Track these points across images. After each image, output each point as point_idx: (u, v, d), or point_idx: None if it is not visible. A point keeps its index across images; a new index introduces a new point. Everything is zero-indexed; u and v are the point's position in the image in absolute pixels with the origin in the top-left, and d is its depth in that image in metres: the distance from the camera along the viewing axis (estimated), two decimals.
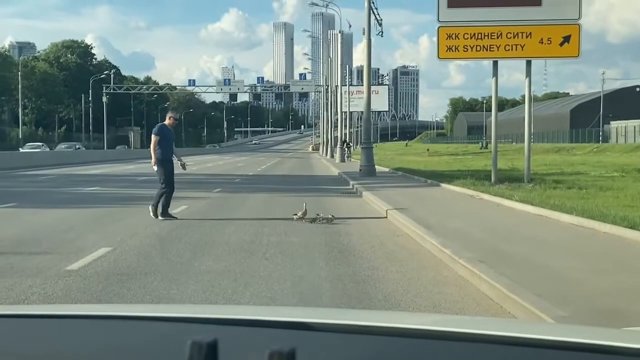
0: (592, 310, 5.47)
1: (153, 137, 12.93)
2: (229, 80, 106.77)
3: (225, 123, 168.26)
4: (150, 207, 12.95)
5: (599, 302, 5.75)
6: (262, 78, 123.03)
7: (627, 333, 1.83)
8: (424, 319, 2.38)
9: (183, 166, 13.54)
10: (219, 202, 17.26)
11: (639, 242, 9.01)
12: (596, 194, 15.76)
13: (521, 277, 6.70)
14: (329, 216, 12.52)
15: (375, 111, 79.00)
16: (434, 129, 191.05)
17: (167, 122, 13.33)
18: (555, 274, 7.07)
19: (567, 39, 19.06)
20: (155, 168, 13.00)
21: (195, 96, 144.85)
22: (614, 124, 75.73)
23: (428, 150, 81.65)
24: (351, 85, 67.66)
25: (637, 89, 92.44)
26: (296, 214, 12.61)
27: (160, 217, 12.78)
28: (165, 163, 13.03)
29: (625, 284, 6.55)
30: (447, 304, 6.39)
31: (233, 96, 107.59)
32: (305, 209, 12.57)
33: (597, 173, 26.68)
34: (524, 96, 20.89)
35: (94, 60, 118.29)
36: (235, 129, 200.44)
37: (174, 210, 13.42)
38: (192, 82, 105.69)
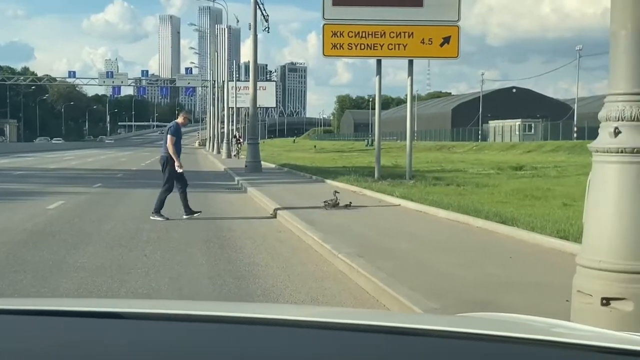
0: (464, 302, 5.65)
1: (170, 138, 12.20)
2: (112, 72, 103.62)
3: (108, 117, 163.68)
4: (152, 216, 12.11)
5: (470, 295, 5.94)
6: (147, 71, 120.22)
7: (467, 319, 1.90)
8: (301, 312, 2.40)
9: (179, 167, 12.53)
10: (99, 198, 16.83)
11: (509, 236, 9.38)
12: (473, 191, 16.36)
13: (397, 271, 6.86)
14: (348, 202, 13.24)
15: (262, 107, 78.89)
16: (321, 126, 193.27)
17: (180, 121, 12.72)
18: (430, 267, 7.29)
19: (447, 39, 19.63)
20: (180, 170, 12.34)
21: (77, 89, 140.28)
22: (492, 123, 78.82)
23: (315, 146, 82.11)
24: (239, 80, 67.10)
25: (514, 90, 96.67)
26: (327, 202, 13.17)
27: (184, 216, 12.19)
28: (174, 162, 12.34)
29: (495, 276, 6.82)
30: (325, 298, 6.47)
31: (116, 89, 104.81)
32: (336, 198, 13.22)
33: (475, 170, 27.67)
34: (407, 95, 21.33)
35: None
36: (119, 123, 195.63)
37: (48, 205, 12.96)
38: (72, 74, 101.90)
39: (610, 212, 4.11)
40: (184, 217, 12.22)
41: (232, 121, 58.44)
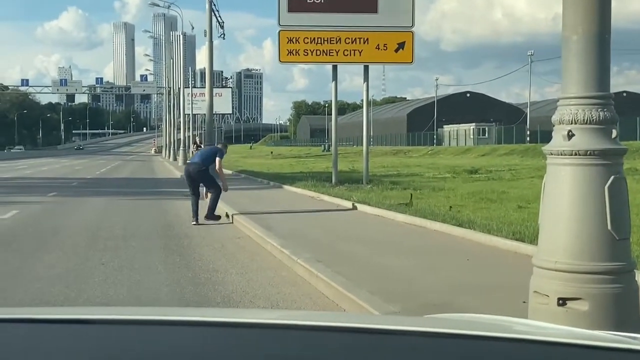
0: (421, 305, 5.67)
1: (219, 161, 13.00)
2: (66, 80, 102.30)
3: (62, 125, 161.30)
4: (207, 221, 12.62)
5: (429, 297, 5.99)
6: (102, 79, 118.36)
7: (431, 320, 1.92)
8: (261, 315, 2.43)
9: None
10: (54, 207, 16.53)
11: (465, 238, 9.47)
12: (429, 194, 16.48)
13: (357, 276, 6.87)
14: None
15: (219, 114, 78.54)
16: (278, 132, 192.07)
17: (222, 147, 13.70)
18: (389, 271, 7.32)
19: (401, 45, 19.78)
20: (226, 192, 13.21)
21: (30, 97, 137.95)
22: (446, 128, 79.50)
23: (272, 152, 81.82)
24: (194, 87, 66.72)
25: (468, 95, 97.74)
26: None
27: (205, 220, 12.63)
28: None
29: (453, 279, 6.88)
30: (285, 303, 6.45)
31: (70, 97, 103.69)
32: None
33: (431, 174, 27.90)
34: (362, 101, 21.45)
35: None
36: (74, 131, 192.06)
37: (2, 215, 12.71)
38: (25, 82, 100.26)
39: (565, 213, 4.16)
40: (207, 221, 12.63)
41: (188, 128, 57.93)
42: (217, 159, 13.01)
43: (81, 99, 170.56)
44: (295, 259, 8.03)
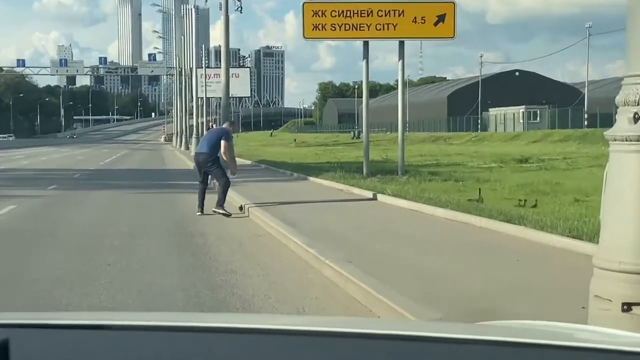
0: (467, 311, 5.64)
1: (225, 144, 13.35)
2: (66, 60, 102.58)
3: (62, 110, 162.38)
4: (215, 210, 12.97)
5: (475, 303, 5.94)
6: (105, 59, 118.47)
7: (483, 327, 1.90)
8: (300, 321, 2.45)
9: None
10: (54, 201, 16.69)
11: (515, 236, 9.40)
12: (473, 187, 16.36)
13: (391, 278, 6.82)
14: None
15: (236, 97, 78.66)
16: (301, 117, 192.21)
17: (227, 126, 14.34)
18: (428, 272, 7.28)
19: (441, 18, 19.66)
20: (233, 177, 13.69)
21: (27, 79, 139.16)
22: (492, 111, 78.90)
23: (295, 140, 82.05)
24: (208, 67, 66.73)
25: (517, 73, 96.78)
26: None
27: (213, 210, 12.95)
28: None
29: (501, 282, 6.82)
30: (312, 309, 6.45)
31: (71, 79, 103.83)
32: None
33: (475, 164, 27.79)
34: (397, 81, 21.35)
35: None
36: (75, 117, 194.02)
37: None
38: (21, 63, 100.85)
39: (631, 207, 4.11)
40: (220, 212, 12.92)
41: (202, 113, 58.02)
42: (222, 142, 13.22)
43: (83, 81, 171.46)
44: (323, 259, 8.02)
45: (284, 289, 7.22)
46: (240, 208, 13.40)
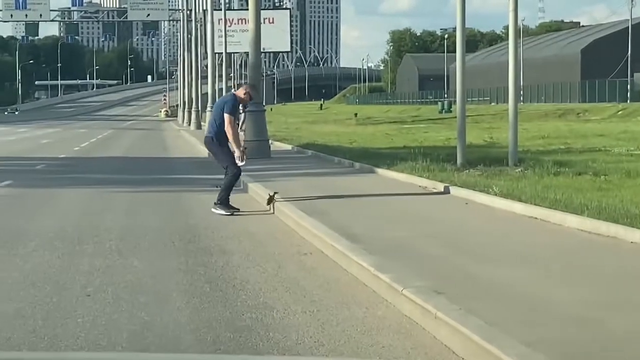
0: None
1: (229, 117, 11.62)
2: (25, 2, 73.86)
3: (19, 72, 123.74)
4: (215, 208, 11.63)
5: (625, 355, 5.01)
6: None
7: None
8: None
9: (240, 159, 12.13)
10: (9, 203, 14.25)
11: None
12: (621, 183, 13.62)
13: (502, 317, 5.73)
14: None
15: (269, 52, 66.39)
16: (365, 82, 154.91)
17: (240, 94, 12.25)
18: (555, 310, 5.96)
19: None
20: (242, 164, 11.84)
21: None
22: None
23: (356, 115, 70.12)
24: (229, 9, 52.04)
25: None
26: None
27: (215, 209, 11.62)
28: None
29: None
30: None
31: (32, 28, 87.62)
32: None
33: (624, 149, 23.25)
34: (507, 28, 18.13)
35: None
36: (37, 82, 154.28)
37: None
38: None
39: None
40: (220, 211, 11.58)
41: (221, 76, 43.49)
42: (225, 114, 11.55)
43: (49, 30, 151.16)
44: (399, 289, 6.66)
45: (343, 333, 5.96)
46: (268, 202, 11.82)
